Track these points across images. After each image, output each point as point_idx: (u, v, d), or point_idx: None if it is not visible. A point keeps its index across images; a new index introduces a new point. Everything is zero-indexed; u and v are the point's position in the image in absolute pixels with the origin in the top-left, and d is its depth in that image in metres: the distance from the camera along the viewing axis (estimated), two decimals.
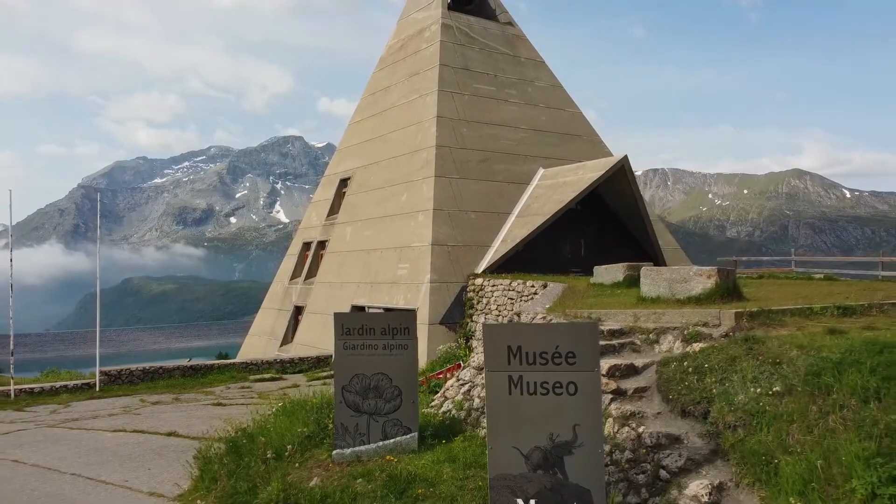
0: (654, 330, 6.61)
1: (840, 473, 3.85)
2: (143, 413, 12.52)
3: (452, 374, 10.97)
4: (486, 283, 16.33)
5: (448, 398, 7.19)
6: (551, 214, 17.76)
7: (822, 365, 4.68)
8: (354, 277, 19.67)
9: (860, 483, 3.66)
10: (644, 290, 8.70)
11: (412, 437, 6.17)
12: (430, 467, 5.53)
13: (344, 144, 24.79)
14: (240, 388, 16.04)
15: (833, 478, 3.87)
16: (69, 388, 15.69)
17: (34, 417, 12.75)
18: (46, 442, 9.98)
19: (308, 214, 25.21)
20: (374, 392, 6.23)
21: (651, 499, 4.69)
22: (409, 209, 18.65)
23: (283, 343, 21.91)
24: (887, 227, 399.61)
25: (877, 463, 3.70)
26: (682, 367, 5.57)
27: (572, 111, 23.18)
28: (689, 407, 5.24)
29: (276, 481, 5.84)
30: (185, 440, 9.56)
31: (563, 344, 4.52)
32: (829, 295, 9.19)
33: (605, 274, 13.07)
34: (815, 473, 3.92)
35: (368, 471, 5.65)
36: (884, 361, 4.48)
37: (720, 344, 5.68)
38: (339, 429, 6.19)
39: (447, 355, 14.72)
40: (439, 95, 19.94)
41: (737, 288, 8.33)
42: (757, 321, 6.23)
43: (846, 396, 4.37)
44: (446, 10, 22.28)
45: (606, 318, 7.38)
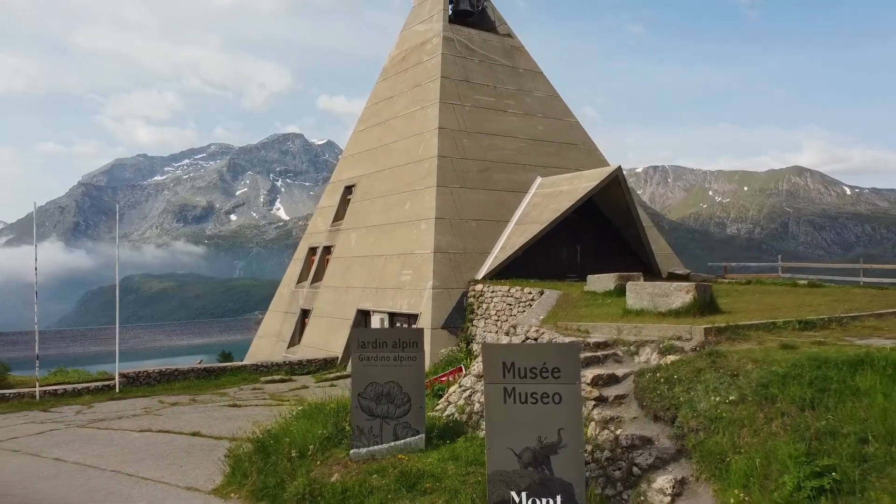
0: (635, 342, 7.43)
1: (776, 470, 4.66)
2: (164, 414, 13.36)
3: (455, 377, 11.80)
4: (485, 289, 17.15)
5: (451, 403, 8.02)
6: (548, 223, 18.56)
7: (771, 378, 5.50)
8: (360, 282, 20.50)
9: (790, 478, 4.48)
10: (629, 303, 9.52)
11: (420, 438, 7.00)
12: (436, 465, 6.35)
13: (348, 152, 25.60)
14: (252, 390, 16.88)
15: (770, 473, 4.69)
16: (90, 389, 16.52)
17: (62, 418, 13.58)
18: (80, 441, 10.81)
19: (314, 220, 26.03)
20: (386, 398, 7.06)
21: (625, 491, 5.52)
22: (413, 217, 19.47)
23: (291, 345, 22.74)
24: (888, 223, 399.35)
25: (804, 461, 4.52)
26: (655, 378, 6.39)
27: (569, 120, 23.97)
28: (660, 412, 6.06)
29: (301, 477, 6.67)
30: (208, 440, 10.40)
31: (549, 361, 5.35)
32: (800, 307, 10.00)
33: (598, 283, 13.89)
34: (756, 470, 4.75)
35: (382, 468, 6.48)
36: (820, 375, 5.29)
37: (689, 357, 6.50)
38: (355, 431, 7.01)
39: (449, 358, 15.55)
40: (441, 107, 20.73)
41: (713, 301, 9.14)
42: (724, 335, 7.04)
43: (787, 405, 5.19)
44: (447, 23, 23.05)
45: (593, 331, 8.19)
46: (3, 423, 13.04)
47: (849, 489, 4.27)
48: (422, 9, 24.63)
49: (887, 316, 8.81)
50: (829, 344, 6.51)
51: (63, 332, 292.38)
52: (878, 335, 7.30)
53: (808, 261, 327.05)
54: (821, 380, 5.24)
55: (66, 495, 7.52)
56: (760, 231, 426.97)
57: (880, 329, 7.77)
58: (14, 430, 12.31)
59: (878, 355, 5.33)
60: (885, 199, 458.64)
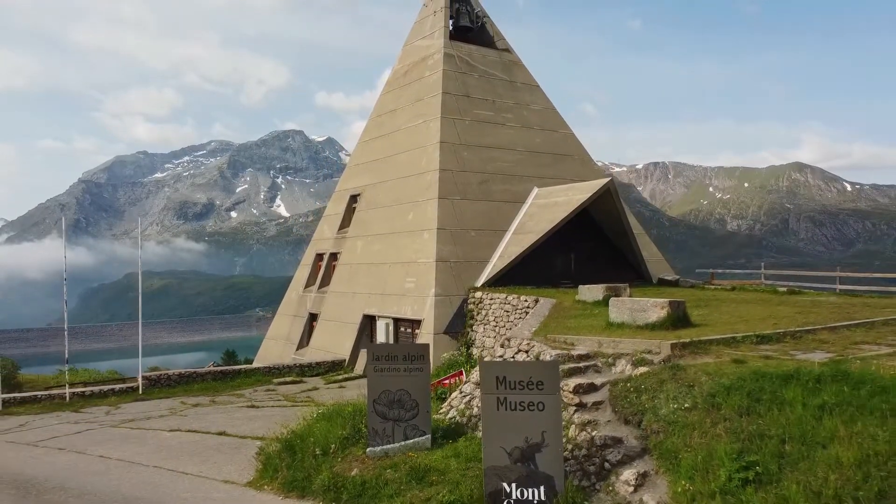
0: (612, 355, 8.55)
1: (715, 464, 5.79)
2: (188, 415, 14.50)
3: (456, 381, 12.92)
4: (484, 297, 18.27)
5: (453, 407, 9.16)
6: (544, 233, 19.67)
7: (718, 389, 6.62)
8: (365, 288, 21.63)
9: (723, 471, 5.60)
10: (612, 317, 10.64)
11: (426, 438, 8.14)
12: (440, 461, 7.49)
13: (353, 162, 26.70)
14: (266, 391, 18.03)
15: (711, 467, 5.81)
16: (115, 391, 17.68)
17: (94, 418, 14.72)
18: (118, 440, 11.95)
19: (320, 227, 27.15)
20: (397, 404, 8.19)
21: (597, 483, 6.65)
22: (415, 227, 20.58)
23: (299, 347, 23.89)
24: (888, 220, 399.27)
25: (735, 457, 5.64)
26: (626, 387, 7.51)
27: (565, 132, 25.05)
28: (629, 417, 7.19)
29: (325, 471, 7.81)
30: (234, 439, 11.53)
31: (534, 376, 6.49)
32: (766, 319, 11.13)
33: (588, 293, 15.01)
34: (699, 464, 5.87)
35: (395, 463, 7.61)
36: (757, 387, 6.41)
37: (655, 370, 7.62)
38: (371, 432, 8.15)
39: (450, 362, 16.69)
40: (442, 122, 21.81)
41: (686, 316, 10.26)
42: (688, 350, 8.16)
43: (729, 412, 6.31)
44: (448, 39, 24.11)
45: (578, 344, 9.32)
46: (41, 424, 14.20)
47: (768, 480, 5.39)
48: (424, 24, 25.68)
49: (839, 329, 9.94)
50: (774, 358, 7.63)
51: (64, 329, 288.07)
52: (822, 349, 8.42)
53: (804, 256, 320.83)
54: (757, 391, 6.36)
55: (119, 488, 8.65)
56: (761, 227, 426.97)
57: (827, 342, 8.89)
58: (53, 429, 13.46)
59: (804, 371, 6.44)
60: (886, 195, 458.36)
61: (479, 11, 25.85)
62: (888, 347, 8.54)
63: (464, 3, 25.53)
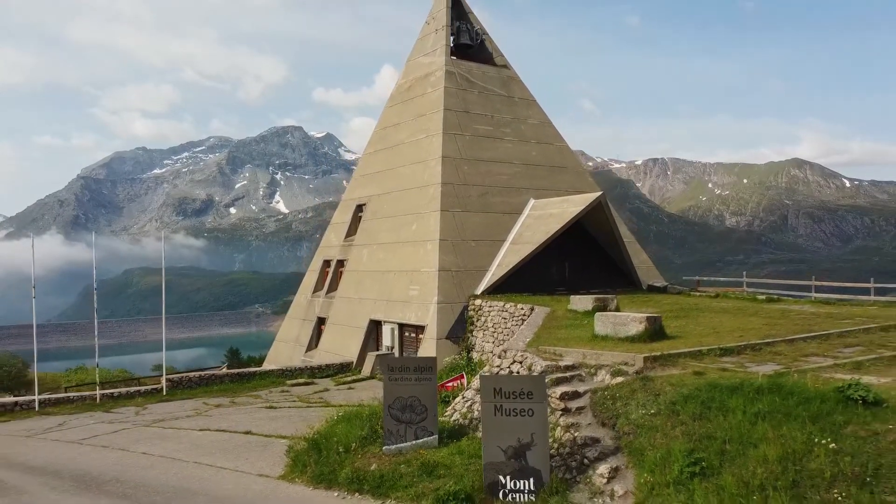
0: (595, 366, 9.88)
1: (671, 461, 7.12)
2: (213, 415, 15.83)
3: (458, 384, 14.24)
4: (484, 304, 19.60)
5: (457, 410, 10.50)
6: (540, 244, 20.99)
7: (678, 398, 7.96)
8: (372, 294, 22.96)
9: (677, 465, 6.93)
10: (597, 329, 11.97)
11: (434, 438, 9.48)
12: (446, 457, 8.83)
13: (359, 172, 27.99)
14: (280, 392, 19.35)
15: (668, 463, 7.14)
16: (141, 392, 19.00)
17: (125, 418, 16.04)
18: (154, 438, 13.27)
19: (327, 235, 28.46)
20: (409, 409, 9.53)
21: (578, 475, 7.99)
22: (419, 238, 21.90)
23: (308, 349, 25.23)
24: (887, 216, 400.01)
25: (687, 454, 6.98)
26: (604, 395, 8.85)
27: (560, 145, 26.35)
28: (606, 420, 8.53)
29: (348, 466, 9.15)
30: (260, 437, 12.86)
31: (525, 387, 7.83)
32: (735, 331, 12.45)
33: (579, 303, 16.33)
34: (659, 461, 7.21)
35: (407, 460, 8.95)
36: (709, 397, 7.74)
37: (629, 380, 8.96)
38: (386, 432, 9.49)
39: (452, 365, 18.03)
40: (444, 137, 23.10)
41: (661, 330, 11.58)
42: (658, 362, 9.49)
43: (686, 417, 7.65)
44: (449, 57, 25.36)
45: (565, 355, 10.64)
46: (78, 423, 15.51)
47: (711, 473, 6.72)
48: (426, 41, 26.92)
49: (796, 341, 11.27)
50: (730, 371, 8.96)
51: (64, 325, 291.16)
52: (774, 361, 9.75)
53: (802, 252, 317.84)
54: (709, 400, 7.69)
55: (167, 481, 9.98)
56: (760, 224, 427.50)
57: (781, 354, 10.22)
58: (91, 429, 14.78)
59: (748, 383, 7.77)
60: (885, 191, 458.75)
61: (479, 29, 27.08)
62: (832, 359, 9.88)
63: (464, 21, 26.76)
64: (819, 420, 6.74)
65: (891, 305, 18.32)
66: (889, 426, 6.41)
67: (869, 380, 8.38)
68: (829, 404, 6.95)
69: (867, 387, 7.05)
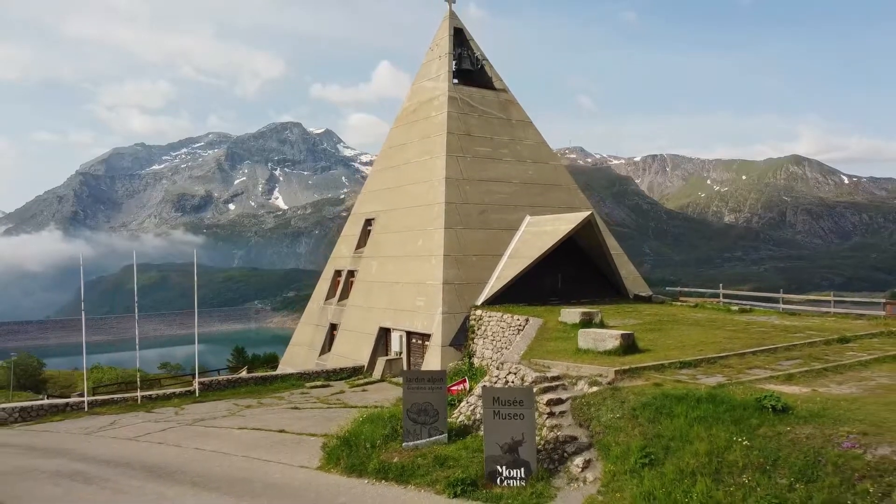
0: (576, 377, 12.02)
1: (629, 454, 9.26)
2: (246, 415, 17.95)
3: (461, 388, 16.34)
4: (484, 315, 21.73)
5: (462, 413, 12.65)
6: (535, 258, 23.11)
7: (638, 405, 10.10)
8: (381, 304, 25.08)
9: (632, 458, 9.08)
10: (580, 343, 14.11)
11: (444, 436, 11.62)
12: (455, 451, 10.97)
13: (368, 188, 30.08)
14: (301, 394, 21.47)
15: (627, 456, 9.28)
16: (177, 394, 21.11)
17: (168, 418, 18.14)
18: (201, 436, 15.37)
19: (338, 246, 30.57)
20: (424, 412, 11.67)
21: (559, 466, 10.14)
22: (424, 253, 24.01)
23: (322, 353, 27.37)
24: (885, 212, 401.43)
25: (640, 449, 9.11)
26: (582, 401, 10.99)
27: (554, 164, 28.45)
28: (583, 422, 10.68)
29: (374, 459, 11.28)
30: (293, 435, 14.97)
31: (517, 397, 9.97)
32: (699, 344, 14.59)
33: (568, 316, 18.45)
34: (620, 454, 9.34)
35: (423, 454, 11.08)
36: (661, 404, 9.87)
37: (602, 389, 11.09)
38: (405, 431, 11.63)
39: (455, 370, 20.16)
40: (447, 159, 25.18)
41: (634, 344, 13.72)
42: (627, 375, 11.62)
43: (643, 421, 9.79)
44: (452, 83, 27.41)
45: (552, 367, 12.78)
46: (127, 422, 17.62)
47: (657, 463, 8.86)
48: (430, 67, 28.96)
49: (746, 355, 13.42)
50: (682, 383, 11.10)
51: (63, 321, 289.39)
52: (722, 373, 11.89)
53: (801, 248, 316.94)
54: (661, 407, 9.83)
55: (224, 471, 12.09)
56: (758, 220, 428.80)
57: (729, 367, 12.37)
58: (140, 427, 16.88)
59: (692, 394, 9.90)
60: (883, 187, 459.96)
61: (479, 55, 29.11)
62: (770, 371, 12.03)
63: (465, 48, 28.79)
64: (739, 423, 8.89)
65: (846, 317, 20.51)
66: (788, 428, 8.56)
67: (792, 390, 10.57)
68: (748, 411, 9.09)
69: (778, 397, 9.20)
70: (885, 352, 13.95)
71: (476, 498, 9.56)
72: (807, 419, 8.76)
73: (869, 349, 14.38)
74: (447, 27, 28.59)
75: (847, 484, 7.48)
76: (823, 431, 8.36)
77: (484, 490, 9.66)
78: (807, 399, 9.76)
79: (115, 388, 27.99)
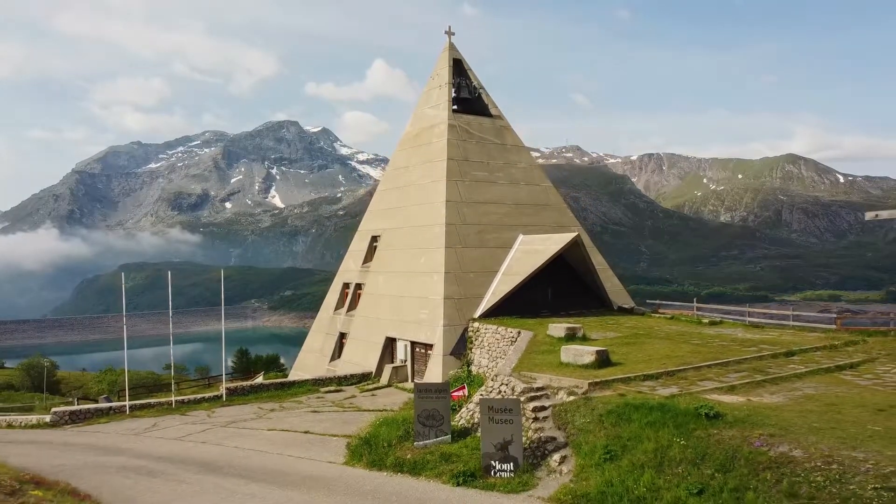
0: (557, 388, 14.52)
1: (595, 451, 11.76)
2: (272, 418, 20.39)
3: (462, 394, 18.80)
4: (480, 327, 24.21)
5: (463, 418, 15.16)
6: (526, 275, 25.59)
7: (604, 412, 12.60)
8: (387, 315, 27.54)
9: (597, 454, 11.58)
10: (562, 358, 16.61)
11: (448, 437, 14.12)
12: (457, 450, 13.46)
13: (373, 207, 32.54)
14: (317, 398, 23.91)
15: (593, 453, 11.80)
16: (206, 398, 23.52)
17: (202, 420, 20.56)
18: (237, 437, 17.81)
19: (346, 260, 33.02)
20: (431, 417, 14.16)
21: (541, 461, 12.64)
22: (427, 269, 26.47)
23: (332, 359, 29.82)
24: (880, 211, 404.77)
25: (604, 447, 11.62)
26: (561, 408, 13.50)
27: (545, 185, 30.95)
28: (561, 426, 13.19)
29: (391, 455, 13.76)
30: (317, 436, 17.43)
31: (507, 406, 12.49)
32: (665, 357, 17.10)
33: (555, 330, 20.94)
34: (588, 451, 11.85)
35: (431, 451, 13.57)
36: (622, 411, 12.38)
37: (577, 399, 13.59)
38: (416, 433, 14.12)
39: (455, 377, 22.65)
40: (447, 183, 27.63)
41: (608, 359, 16.22)
42: (598, 386, 14.12)
43: (607, 424, 12.29)
44: (451, 112, 29.85)
45: (538, 379, 15.28)
46: (168, 424, 20.05)
47: (617, 458, 11.35)
48: (431, 95, 31.40)
49: (702, 368, 15.94)
50: (642, 394, 13.60)
51: (61, 320, 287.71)
52: (678, 385, 14.39)
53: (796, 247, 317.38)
54: (622, 413, 12.33)
55: (264, 465, 14.54)
56: (754, 219, 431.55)
57: (685, 379, 14.88)
58: (181, 429, 19.32)
59: (646, 403, 12.40)
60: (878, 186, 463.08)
61: (476, 84, 31.55)
62: (718, 383, 14.54)
63: (464, 78, 31.23)
64: (679, 427, 11.40)
65: (802, 330, 23.07)
66: (716, 431, 11.07)
67: (731, 399, 13.10)
68: (688, 417, 11.61)
69: (712, 406, 11.72)
70: (819, 364, 16.49)
71: (475, 487, 12.06)
72: (732, 424, 11.28)
73: (808, 362, 16.91)
74: (447, 58, 31.02)
75: (753, 474, 9.99)
76: (742, 433, 10.88)
77: (481, 480, 12.16)
78: (738, 407, 12.28)
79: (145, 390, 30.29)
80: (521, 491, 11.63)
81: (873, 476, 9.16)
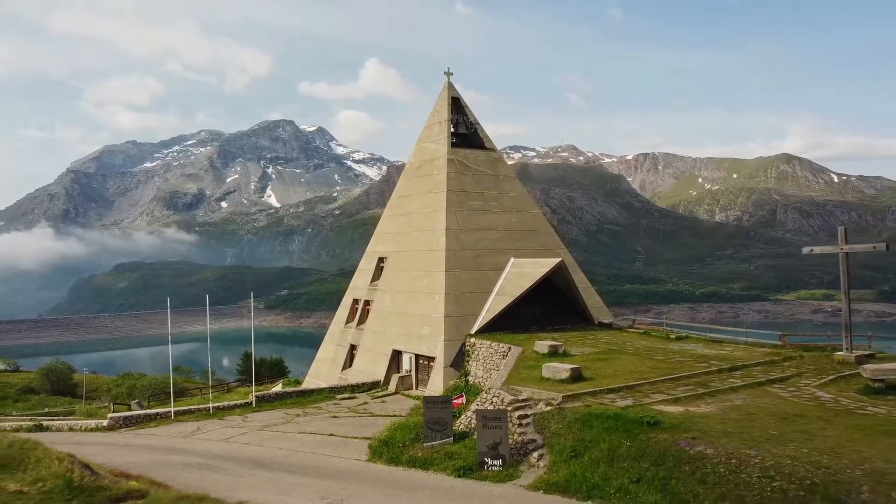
0: (538, 399, 18.12)
1: (565, 450, 15.36)
2: (300, 422, 23.85)
3: (461, 403, 22.36)
4: (476, 342, 27.81)
5: (462, 423, 18.77)
6: (517, 296, 29.19)
7: (572, 419, 16.20)
8: (393, 330, 31.09)
9: (565, 452, 15.19)
10: (543, 373, 20.22)
11: (451, 439, 17.71)
12: (458, 449, 17.04)
13: (380, 231, 36.09)
14: (334, 405, 27.39)
15: (564, 451, 15.39)
16: (239, 405, 26.99)
17: (239, 424, 24.00)
18: (274, 439, 21.27)
19: (355, 278, 36.56)
20: (437, 423, 17.75)
21: (523, 458, 16.24)
22: (429, 290, 30.03)
23: (344, 368, 33.36)
24: (874, 211, 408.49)
25: (571, 448, 15.22)
26: (540, 416, 17.11)
27: (535, 212, 34.55)
28: (540, 430, 16.79)
29: (406, 454, 17.34)
30: (340, 438, 20.92)
31: (497, 415, 16.10)
32: (630, 373, 20.69)
33: (540, 347, 24.52)
34: (559, 451, 15.45)
35: (437, 451, 17.14)
36: (586, 419, 15.97)
37: (553, 409, 17.18)
38: (425, 436, 17.70)
39: (455, 387, 26.23)
40: (447, 213, 31.18)
41: (581, 375, 19.83)
42: (570, 399, 17.70)
43: (575, 430, 15.89)
44: (450, 147, 33.40)
45: (523, 391, 18.86)
46: (211, 428, 23.50)
47: (580, 455, 14.92)
48: (432, 130, 34.93)
49: (657, 383, 19.56)
50: (604, 405, 17.20)
51: (57, 320, 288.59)
52: (633, 397, 18.00)
53: (790, 246, 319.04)
54: (586, 421, 15.93)
55: (303, 463, 18.04)
56: (749, 218, 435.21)
57: (640, 392, 18.49)
58: (223, 432, 22.78)
59: (604, 413, 15.99)
60: (872, 186, 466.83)
61: (472, 120, 35.10)
62: (666, 395, 18.15)
63: (462, 115, 34.77)
64: (627, 432, 15.01)
65: (754, 345, 26.72)
66: (653, 435, 14.68)
67: (672, 409, 16.72)
68: (634, 424, 15.21)
69: (653, 415, 15.33)
70: (755, 379, 20.13)
71: (472, 478, 15.65)
72: (667, 429, 14.90)
73: (747, 377, 20.53)
74: (446, 97, 34.54)
75: (677, 466, 13.60)
76: (672, 437, 14.50)
77: (477, 473, 15.76)
78: (676, 416, 15.91)
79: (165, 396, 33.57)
80: (507, 481, 15.23)
81: (758, 468, 12.80)
